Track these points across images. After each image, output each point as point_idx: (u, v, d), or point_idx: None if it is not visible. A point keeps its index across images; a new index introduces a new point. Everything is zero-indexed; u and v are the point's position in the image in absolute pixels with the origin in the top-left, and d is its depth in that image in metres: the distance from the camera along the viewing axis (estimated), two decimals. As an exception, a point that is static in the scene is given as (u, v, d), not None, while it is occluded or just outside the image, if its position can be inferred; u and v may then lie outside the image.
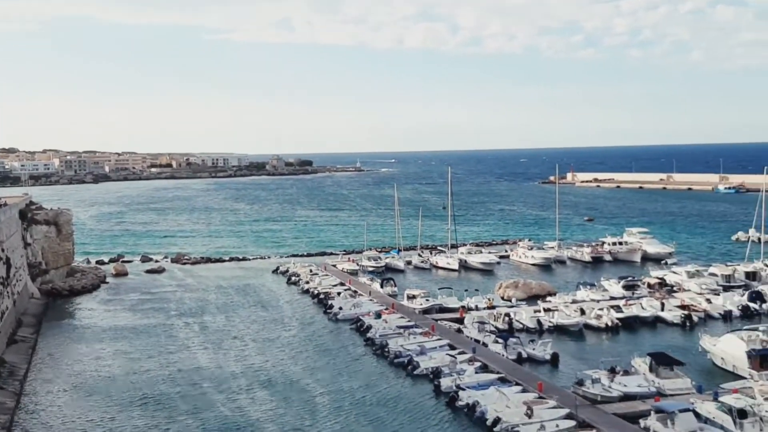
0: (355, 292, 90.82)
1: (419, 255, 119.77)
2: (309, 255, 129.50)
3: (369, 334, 70.08)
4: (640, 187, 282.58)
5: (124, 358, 66.40)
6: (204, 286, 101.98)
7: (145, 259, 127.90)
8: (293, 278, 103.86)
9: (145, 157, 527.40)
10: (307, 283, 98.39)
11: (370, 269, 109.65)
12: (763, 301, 76.57)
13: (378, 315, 76.46)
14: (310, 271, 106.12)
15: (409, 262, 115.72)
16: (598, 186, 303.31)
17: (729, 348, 57.61)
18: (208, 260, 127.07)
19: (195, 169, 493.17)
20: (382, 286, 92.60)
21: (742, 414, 43.77)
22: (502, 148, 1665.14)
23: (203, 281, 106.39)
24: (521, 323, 72.86)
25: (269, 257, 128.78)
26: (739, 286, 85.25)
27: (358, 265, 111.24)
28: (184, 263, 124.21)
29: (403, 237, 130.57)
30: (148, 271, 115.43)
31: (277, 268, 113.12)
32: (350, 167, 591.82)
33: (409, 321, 73.64)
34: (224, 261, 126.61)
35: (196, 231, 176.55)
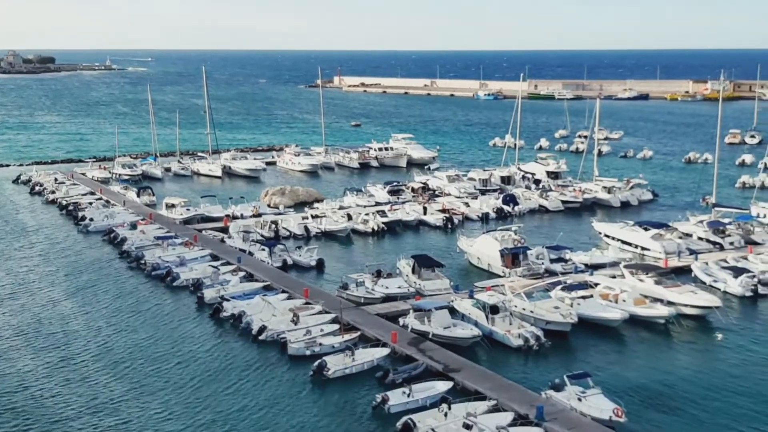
0: (108, 201, 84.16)
1: (179, 161, 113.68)
2: (54, 162, 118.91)
3: (124, 247, 65.51)
4: (406, 93, 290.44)
5: None
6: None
7: None
8: (37, 188, 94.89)
9: None
10: (53, 192, 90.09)
11: (125, 177, 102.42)
12: (516, 203, 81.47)
13: (133, 226, 71.49)
14: (56, 179, 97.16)
15: (168, 170, 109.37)
16: (365, 91, 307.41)
17: (484, 248, 60.38)
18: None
19: None
20: (138, 195, 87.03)
21: (494, 310, 46.29)
22: (266, 49, 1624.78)
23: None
24: (288, 230, 71.59)
25: (8, 165, 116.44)
26: (494, 190, 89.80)
27: (110, 173, 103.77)
28: None
29: (161, 143, 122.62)
30: None
31: (18, 177, 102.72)
32: (99, 65, 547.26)
33: (168, 232, 69.50)
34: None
35: None
